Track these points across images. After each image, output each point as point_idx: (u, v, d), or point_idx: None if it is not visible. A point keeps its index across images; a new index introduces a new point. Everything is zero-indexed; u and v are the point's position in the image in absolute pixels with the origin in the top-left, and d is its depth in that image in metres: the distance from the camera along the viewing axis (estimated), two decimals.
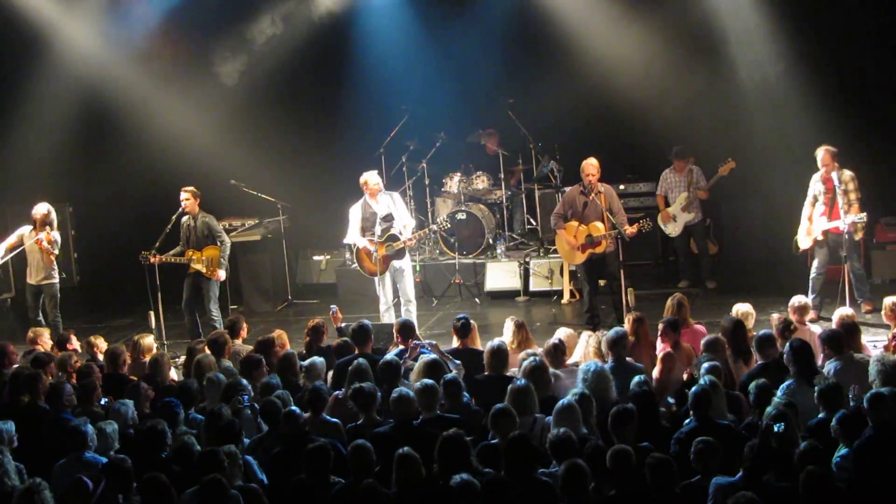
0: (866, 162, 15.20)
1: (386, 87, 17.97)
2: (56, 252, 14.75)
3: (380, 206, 14.25)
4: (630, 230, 13.49)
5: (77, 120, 17.69)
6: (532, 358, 9.62)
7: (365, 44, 17.88)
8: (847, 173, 13.39)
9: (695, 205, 16.23)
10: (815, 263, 13.70)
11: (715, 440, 7.60)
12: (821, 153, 13.46)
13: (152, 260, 14.47)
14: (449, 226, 15.35)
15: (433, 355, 10.17)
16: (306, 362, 10.77)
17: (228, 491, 7.59)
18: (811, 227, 13.66)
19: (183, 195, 14.66)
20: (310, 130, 18.31)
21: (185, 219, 14.75)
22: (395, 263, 14.24)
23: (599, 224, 13.63)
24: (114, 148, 18.13)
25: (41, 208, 14.71)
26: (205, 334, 13.74)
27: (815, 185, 13.62)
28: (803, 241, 13.81)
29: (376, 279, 14.37)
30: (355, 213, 14.36)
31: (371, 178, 14.31)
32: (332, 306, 12.98)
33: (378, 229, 14.17)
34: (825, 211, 13.49)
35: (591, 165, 13.78)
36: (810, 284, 13.62)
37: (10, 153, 17.72)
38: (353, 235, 14.42)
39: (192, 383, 10.29)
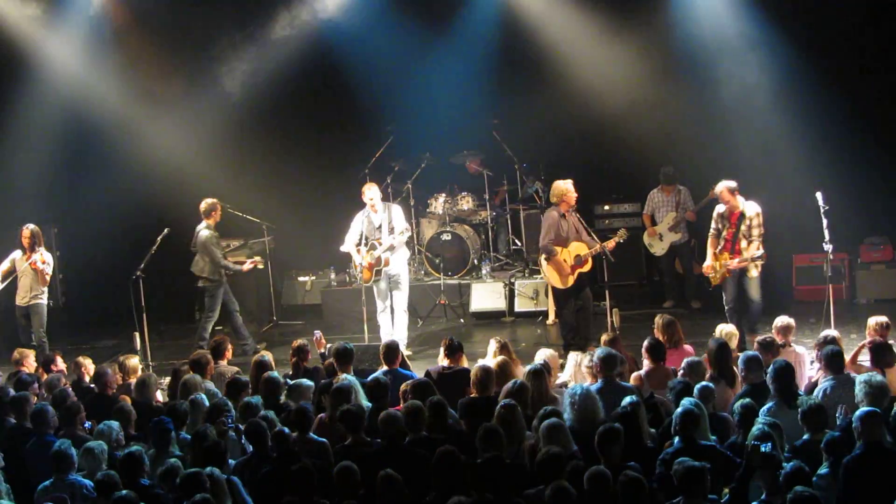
0: (850, 181, 15.30)
1: (371, 108, 18.00)
2: (49, 272, 14.77)
3: (376, 218, 14.53)
4: (610, 245, 13.61)
5: (61, 140, 17.66)
6: (514, 381, 9.64)
7: (349, 65, 17.87)
8: (752, 209, 13.09)
9: (682, 225, 16.28)
10: (725, 297, 13.42)
11: (699, 461, 7.59)
12: (720, 190, 13.18)
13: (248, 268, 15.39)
14: (409, 233, 15.20)
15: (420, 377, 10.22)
16: (292, 382, 10.76)
17: None
18: (716, 263, 13.29)
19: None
20: (295, 151, 18.33)
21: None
22: (391, 272, 14.47)
23: (579, 243, 13.71)
24: (98, 169, 18.07)
25: (28, 229, 14.72)
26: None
27: (719, 219, 13.31)
28: (711, 273, 13.44)
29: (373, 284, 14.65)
30: (356, 221, 14.65)
31: (366, 191, 14.59)
32: (315, 332, 13.00)
33: (378, 235, 14.46)
34: (727, 246, 13.19)
35: (571, 184, 13.85)
36: (728, 316, 13.28)
37: None
38: (346, 243, 14.69)
39: (180, 404, 10.28)
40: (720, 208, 13.33)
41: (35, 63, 17.29)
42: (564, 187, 13.87)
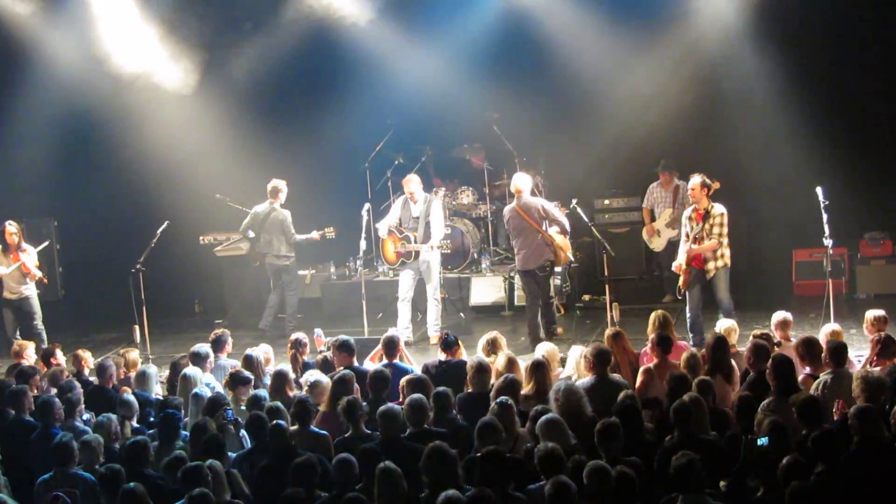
0: (850, 176, 15.30)
1: (371, 101, 17.97)
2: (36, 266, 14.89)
3: (415, 208, 14.96)
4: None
5: (61, 134, 17.64)
6: (504, 376, 9.67)
7: (350, 59, 17.86)
8: (718, 209, 12.87)
9: (679, 222, 16.26)
10: (688, 305, 13.19)
11: (697, 455, 7.59)
12: (693, 185, 12.93)
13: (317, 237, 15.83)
14: (448, 250, 15.29)
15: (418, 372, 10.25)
16: (312, 379, 10.72)
17: None
18: (679, 265, 13.19)
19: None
20: (295, 145, 18.28)
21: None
22: (422, 262, 14.85)
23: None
24: (98, 162, 18.09)
25: (13, 226, 14.84)
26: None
27: (687, 222, 13.13)
28: (680, 273, 13.26)
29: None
30: (396, 205, 15.28)
31: (405, 184, 15.12)
32: (315, 330, 13.00)
33: (413, 226, 14.90)
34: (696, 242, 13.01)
35: None
36: (689, 325, 13.16)
37: None
38: (381, 224, 15.21)
39: (172, 399, 10.29)
40: (688, 211, 13.20)
41: (35, 55, 17.25)
42: (527, 177, 14.52)
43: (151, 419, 10.39)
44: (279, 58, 17.76)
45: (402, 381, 10.11)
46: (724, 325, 11.41)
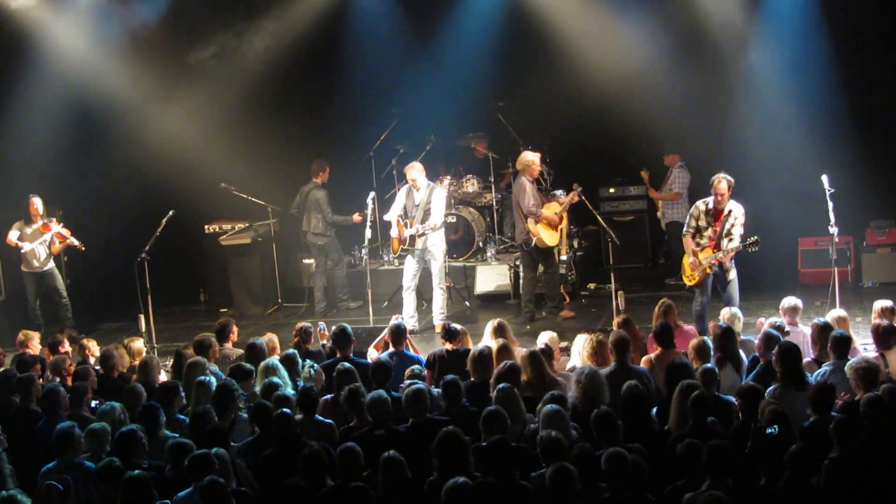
0: (856, 164, 15.26)
1: (376, 90, 17.97)
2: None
3: (417, 196, 14.96)
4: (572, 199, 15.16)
5: (66, 123, 17.58)
6: (504, 363, 9.64)
7: (355, 48, 17.84)
8: (738, 209, 12.76)
9: (664, 204, 16.50)
10: (699, 298, 13.05)
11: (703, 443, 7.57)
12: (720, 183, 12.69)
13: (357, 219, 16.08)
14: (431, 230, 15.25)
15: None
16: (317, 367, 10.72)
17: (229, 495, 7.58)
18: (696, 261, 12.91)
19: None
20: (300, 134, 18.27)
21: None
22: (421, 247, 14.85)
23: (549, 204, 15.26)
24: (103, 151, 18.06)
25: (37, 201, 15.58)
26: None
27: (701, 216, 12.90)
28: (690, 275, 13.10)
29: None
30: (400, 193, 15.25)
31: (407, 171, 15.14)
32: (319, 323, 12.99)
33: (415, 214, 14.85)
34: (711, 244, 12.81)
35: (539, 158, 15.33)
36: (696, 314, 13.08)
37: None
38: (389, 217, 15.22)
39: (171, 384, 10.27)
40: (704, 205, 12.94)
41: (40, 44, 17.19)
42: (531, 158, 15.01)
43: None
44: (284, 47, 17.74)
45: (408, 371, 10.17)
46: (727, 313, 11.39)
